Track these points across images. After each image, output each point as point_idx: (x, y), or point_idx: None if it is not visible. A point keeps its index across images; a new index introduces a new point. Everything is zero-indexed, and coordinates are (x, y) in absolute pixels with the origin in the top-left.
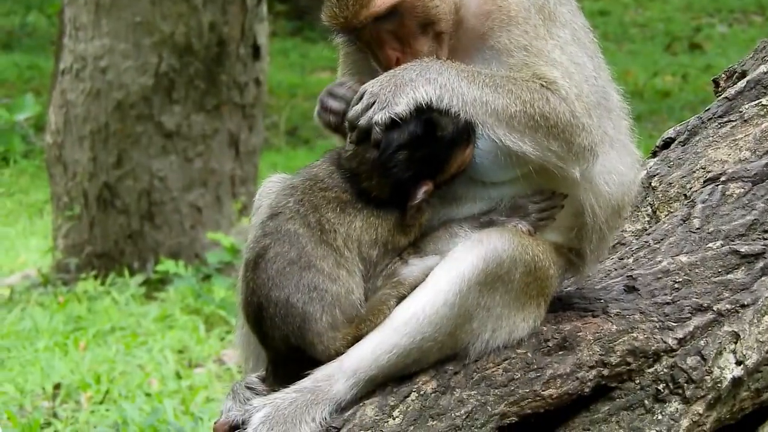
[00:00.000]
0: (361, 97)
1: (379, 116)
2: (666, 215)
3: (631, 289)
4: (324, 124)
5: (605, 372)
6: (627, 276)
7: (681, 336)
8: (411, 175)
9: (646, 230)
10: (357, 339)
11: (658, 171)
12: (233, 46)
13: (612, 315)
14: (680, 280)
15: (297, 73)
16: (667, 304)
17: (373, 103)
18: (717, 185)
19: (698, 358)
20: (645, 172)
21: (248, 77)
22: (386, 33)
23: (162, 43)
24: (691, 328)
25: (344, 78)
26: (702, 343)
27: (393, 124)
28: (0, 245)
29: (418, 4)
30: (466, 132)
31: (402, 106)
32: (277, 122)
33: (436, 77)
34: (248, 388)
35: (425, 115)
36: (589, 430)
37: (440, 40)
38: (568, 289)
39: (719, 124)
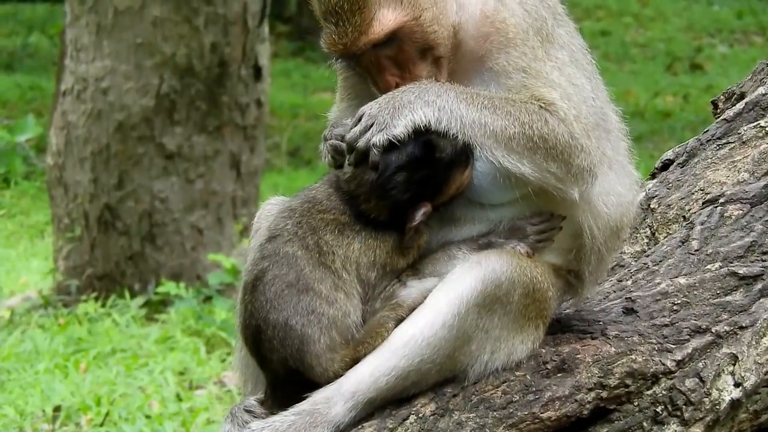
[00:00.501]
0: (359, 119)
1: (377, 138)
2: (665, 237)
3: (629, 311)
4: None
5: (604, 394)
6: (626, 298)
7: (680, 358)
8: (409, 196)
9: (645, 252)
10: (355, 361)
11: (657, 193)
12: (235, 67)
13: (611, 337)
14: (679, 302)
15: (299, 93)
16: (666, 326)
17: (371, 125)
18: (716, 207)
19: (697, 380)
20: (644, 193)
21: (250, 98)
22: (385, 59)
23: (163, 65)
24: (689, 350)
25: (343, 104)
26: (700, 365)
27: (391, 146)
28: (1, 267)
29: (416, 30)
30: (464, 154)
31: (400, 128)
32: (278, 143)
33: (434, 99)
34: (247, 411)
35: (424, 137)
36: None
37: (439, 64)
38: (567, 311)
39: (718, 145)
